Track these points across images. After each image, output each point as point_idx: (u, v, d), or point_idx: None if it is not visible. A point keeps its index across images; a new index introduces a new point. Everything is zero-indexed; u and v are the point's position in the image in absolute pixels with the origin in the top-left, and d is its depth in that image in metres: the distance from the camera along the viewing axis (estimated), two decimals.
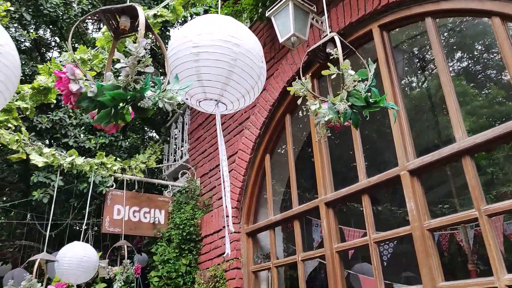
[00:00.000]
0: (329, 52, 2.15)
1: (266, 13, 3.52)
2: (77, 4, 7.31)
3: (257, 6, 4.17)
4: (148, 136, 10.10)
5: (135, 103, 1.46)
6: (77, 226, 8.16)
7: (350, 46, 2.25)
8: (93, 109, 1.45)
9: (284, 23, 3.24)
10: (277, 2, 3.34)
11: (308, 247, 5.11)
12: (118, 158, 4.93)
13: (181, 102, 1.84)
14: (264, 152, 4.36)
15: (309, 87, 1.97)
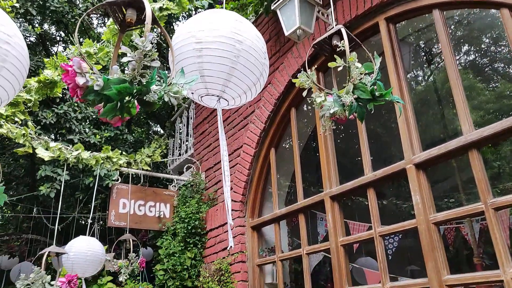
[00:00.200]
0: (335, 45, 2.14)
1: (272, 6, 3.50)
2: (82, 2, 7.32)
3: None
4: (153, 131, 10.12)
5: (141, 97, 1.46)
6: (83, 220, 8.22)
7: (356, 39, 2.23)
8: (99, 103, 1.45)
9: (290, 16, 3.22)
10: None
11: (313, 241, 5.11)
12: (124, 152, 4.95)
13: (186, 97, 1.84)
14: (269, 146, 4.35)
15: (315, 79, 1.96)
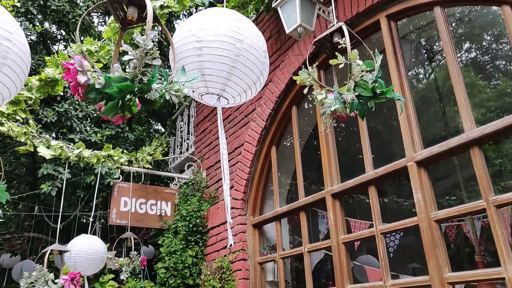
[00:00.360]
0: (336, 42, 2.13)
1: (273, 4, 3.49)
2: (83, 2, 7.31)
3: None
4: (154, 129, 10.12)
5: (142, 95, 1.46)
6: (84, 219, 8.23)
7: (357, 37, 2.23)
8: (101, 101, 1.45)
9: (291, 14, 3.21)
10: None
11: (314, 239, 5.12)
12: (125, 151, 4.96)
13: (187, 95, 1.85)
14: (270, 144, 4.35)
15: (316, 76, 1.96)
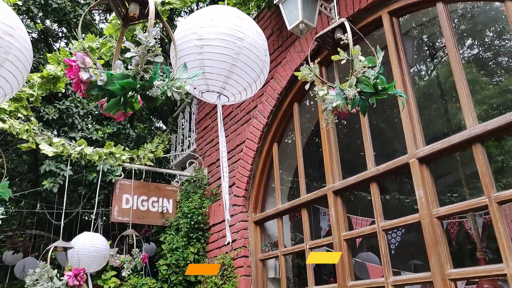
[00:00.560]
0: (338, 38, 2.13)
1: (274, 1, 3.48)
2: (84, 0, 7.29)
3: None
4: (155, 126, 10.12)
5: (144, 92, 1.46)
6: (86, 216, 8.25)
7: (359, 33, 2.22)
8: (103, 98, 1.45)
9: (292, 10, 3.20)
10: None
11: (316, 236, 5.12)
12: (126, 148, 4.96)
13: (189, 92, 1.85)
14: (272, 141, 4.35)
15: (317, 72, 1.95)
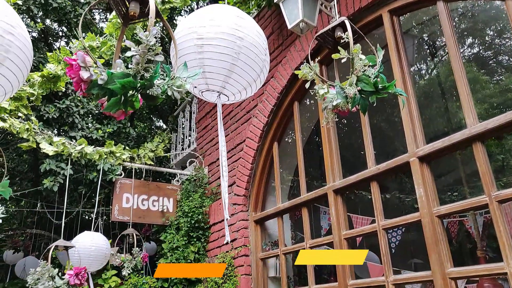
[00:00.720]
0: (338, 37, 2.12)
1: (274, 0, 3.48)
2: None
3: None
4: (156, 126, 10.12)
5: (145, 91, 1.46)
6: (86, 215, 8.25)
7: (359, 31, 2.22)
8: (103, 96, 1.45)
9: (293, 9, 3.20)
10: None
11: (316, 235, 5.12)
12: (126, 147, 4.96)
13: (189, 91, 1.85)
14: (272, 140, 4.35)
15: (317, 71, 1.95)
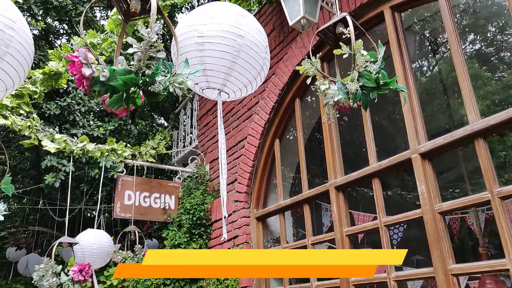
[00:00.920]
0: (340, 33, 2.12)
1: None
2: None
3: None
4: (157, 123, 10.13)
5: (146, 88, 1.46)
6: (88, 212, 8.27)
7: (360, 27, 2.21)
8: (105, 93, 1.45)
9: (294, 6, 3.19)
10: None
11: (318, 231, 5.13)
12: (128, 145, 4.97)
13: (190, 88, 1.86)
14: (274, 137, 4.35)
15: (319, 67, 1.95)
